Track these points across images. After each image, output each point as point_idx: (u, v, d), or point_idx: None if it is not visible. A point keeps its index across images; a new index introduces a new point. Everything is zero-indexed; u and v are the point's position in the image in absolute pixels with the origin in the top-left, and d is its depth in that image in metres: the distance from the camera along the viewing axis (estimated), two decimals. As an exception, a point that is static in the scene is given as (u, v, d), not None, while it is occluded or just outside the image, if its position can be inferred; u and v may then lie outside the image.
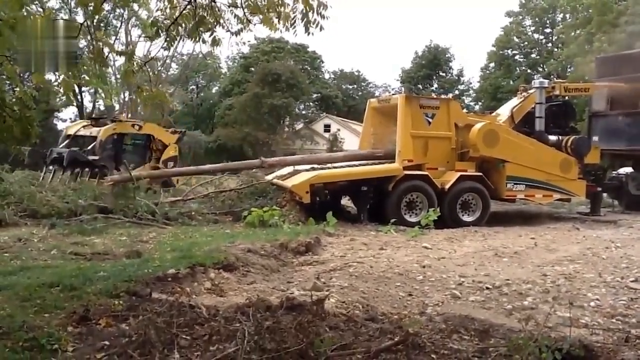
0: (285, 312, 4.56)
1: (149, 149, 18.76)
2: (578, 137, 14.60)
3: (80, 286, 5.43)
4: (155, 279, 5.94)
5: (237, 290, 6.23)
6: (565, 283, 6.80)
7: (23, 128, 4.77)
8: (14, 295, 5.11)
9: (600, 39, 32.52)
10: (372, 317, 4.96)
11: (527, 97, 15.04)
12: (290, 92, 47.06)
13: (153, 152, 18.74)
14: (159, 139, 18.73)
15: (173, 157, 18.84)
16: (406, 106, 13.15)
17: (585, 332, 4.81)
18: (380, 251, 9.01)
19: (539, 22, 55.33)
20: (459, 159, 13.52)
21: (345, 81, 65.17)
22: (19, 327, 4.16)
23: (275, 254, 8.07)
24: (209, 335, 4.14)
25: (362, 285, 6.55)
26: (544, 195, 14.03)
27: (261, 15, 5.30)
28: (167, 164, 18.53)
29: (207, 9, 5.29)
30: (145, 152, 18.70)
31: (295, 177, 12.90)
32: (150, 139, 18.70)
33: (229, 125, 47.92)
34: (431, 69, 60.82)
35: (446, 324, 4.84)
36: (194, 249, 7.69)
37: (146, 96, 5.83)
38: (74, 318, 4.53)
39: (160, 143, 18.75)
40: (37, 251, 8.23)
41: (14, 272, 6.30)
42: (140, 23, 34.23)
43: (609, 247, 9.47)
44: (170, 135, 19.34)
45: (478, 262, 8.16)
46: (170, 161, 18.64)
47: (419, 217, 12.25)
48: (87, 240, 9.38)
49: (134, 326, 4.26)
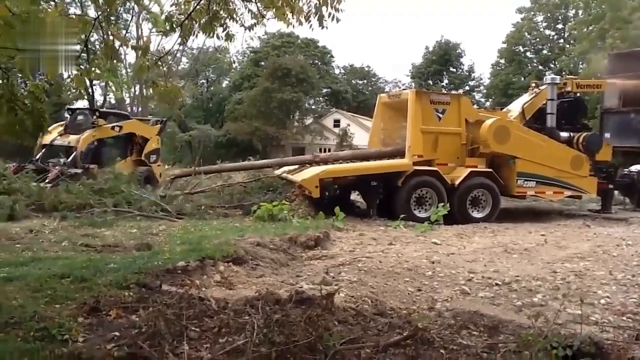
0: (294, 305, 4.56)
1: (130, 142, 18.50)
2: (590, 134, 14.51)
3: (91, 277, 5.46)
4: (165, 272, 5.97)
5: (247, 284, 6.24)
6: (576, 280, 6.76)
7: (35, 121, 4.78)
8: (25, 286, 5.14)
9: (613, 35, 32.29)
10: (381, 311, 4.96)
11: (538, 93, 14.97)
12: (300, 87, 47.04)
13: (134, 146, 18.53)
14: (141, 135, 18.60)
15: (155, 149, 18.75)
16: (416, 102, 13.12)
17: (596, 330, 4.77)
18: (390, 246, 9.00)
19: (551, 18, 54.93)
20: (469, 154, 13.49)
21: (355, 76, 65.04)
22: (30, 317, 4.20)
23: (284, 248, 8.09)
24: (218, 327, 4.15)
25: (371, 280, 6.55)
26: (554, 192, 13.97)
27: (275, 9, 5.28)
28: (150, 157, 18.46)
29: (221, 4, 5.28)
30: (127, 147, 18.43)
31: (305, 171, 12.92)
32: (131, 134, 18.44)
33: (238, 119, 48.02)
34: (442, 64, 60.52)
35: (455, 319, 4.83)
36: (203, 242, 7.70)
37: (161, 91, 5.83)
38: (84, 309, 4.56)
39: (141, 138, 18.60)
40: (48, 242, 8.28)
41: (26, 263, 6.34)
42: (151, 17, 34.34)
43: (619, 244, 9.42)
44: (151, 128, 19.16)
45: (487, 258, 8.14)
46: (152, 154, 18.56)
47: (428, 213, 12.26)
48: (97, 232, 9.43)
49: (143, 318, 4.28)
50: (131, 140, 18.48)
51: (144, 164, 18.18)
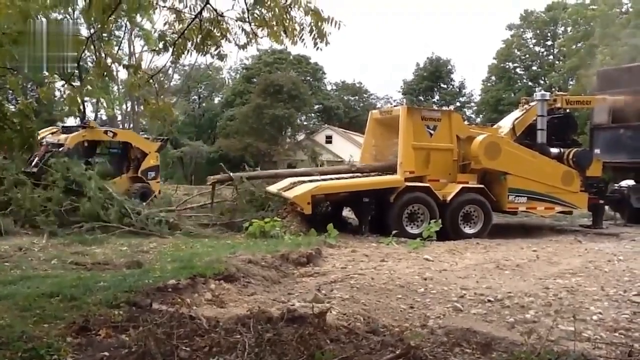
0: (286, 323, 4.53)
1: (126, 158, 18.09)
2: (580, 150, 14.61)
3: (80, 296, 5.41)
4: (156, 290, 5.91)
5: (238, 302, 6.20)
6: (568, 296, 6.75)
7: (23, 139, 4.77)
8: (13, 305, 5.08)
9: (602, 51, 32.64)
10: (374, 329, 4.93)
11: (528, 109, 15.08)
12: (292, 103, 47.21)
13: (131, 162, 18.11)
14: (137, 147, 18.09)
15: (154, 166, 18.26)
16: (408, 118, 13.17)
17: (589, 346, 4.76)
18: (382, 263, 8.98)
19: (540, 34, 55.55)
20: (460, 170, 13.52)
21: (346, 92, 65.37)
22: (18, 337, 4.14)
23: (276, 265, 8.03)
24: (209, 346, 4.11)
25: (364, 297, 6.52)
26: (545, 208, 14.01)
27: (268, 29, 5.29)
28: (148, 173, 17.98)
29: (214, 23, 5.29)
30: (123, 162, 18.04)
31: (297, 188, 12.90)
32: (128, 148, 18.03)
33: (230, 135, 48.08)
34: (432, 80, 61.05)
35: (448, 336, 4.81)
36: (194, 260, 7.65)
37: (153, 109, 5.83)
38: (73, 328, 4.50)
39: (139, 151, 18.11)
40: (37, 260, 8.21)
41: (14, 282, 6.27)
42: (143, 34, 34.42)
43: (611, 260, 9.44)
44: (150, 144, 18.69)
45: (480, 274, 8.13)
46: (150, 171, 18.09)
47: (420, 229, 12.24)
48: (87, 250, 9.37)
49: (133, 337, 4.23)
50: (127, 156, 18.11)
51: (141, 181, 17.76)
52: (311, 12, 5.04)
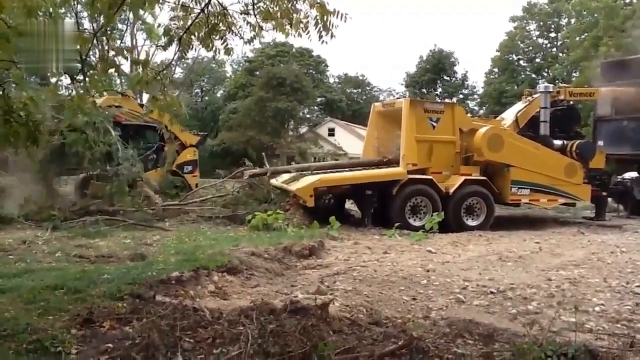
0: (289, 315, 4.55)
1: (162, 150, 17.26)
2: (583, 142, 14.58)
3: (84, 289, 5.44)
4: (159, 282, 5.95)
5: (241, 294, 6.22)
6: (570, 288, 6.76)
7: (29, 133, 4.78)
8: (18, 298, 5.12)
9: (607, 43, 32.48)
10: (376, 321, 4.95)
11: (531, 101, 15.04)
12: (295, 96, 47.06)
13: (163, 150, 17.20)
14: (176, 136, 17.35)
15: (191, 160, 17.72)
16: (411, 110, 13.16)
17: (590, 337, 4.77)
18: (384, 255, 8.99)
19: (544, 26, 55.25)
20: (463, 163, 13.51)
21: (349, 85, 65.26)
22: (23, 329, 4.17)
23: (279, 258, 8.07)
24: (213, 338, 4.14)
25: (366, 289, 6.54)
26: (548, 200, 14.00)
27: (273, 21, 5.28)
28: (184, 167, 17.47)
29: (220, 17, 5.27)
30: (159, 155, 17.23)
31: (300, 180, 12.91)
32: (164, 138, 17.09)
33: (233, 128, 47.96)
34: (435, 73, 60.86)
35: (450, 328, 4.83)
36: (197, 252, 7.69)
37: (161, 105, 5.82)
38: (77, 320, 4.54)
39: (177, 142, 17.39)
40: (41, 253, 8.25)
41: (18, 275, 6.31)
42: (146, 27, 34.34)
43: (614, 251, 9.44)
44: (191, 136, 18.18)
45: (482, 266, 8.13)
46: (187, 165, 17.56)
47: (423, 221, 12.24)
48: (91, 242, 9.41)
49: (137, 329, 4.26)
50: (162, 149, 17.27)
51: (176, 174, 17.26)
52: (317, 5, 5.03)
